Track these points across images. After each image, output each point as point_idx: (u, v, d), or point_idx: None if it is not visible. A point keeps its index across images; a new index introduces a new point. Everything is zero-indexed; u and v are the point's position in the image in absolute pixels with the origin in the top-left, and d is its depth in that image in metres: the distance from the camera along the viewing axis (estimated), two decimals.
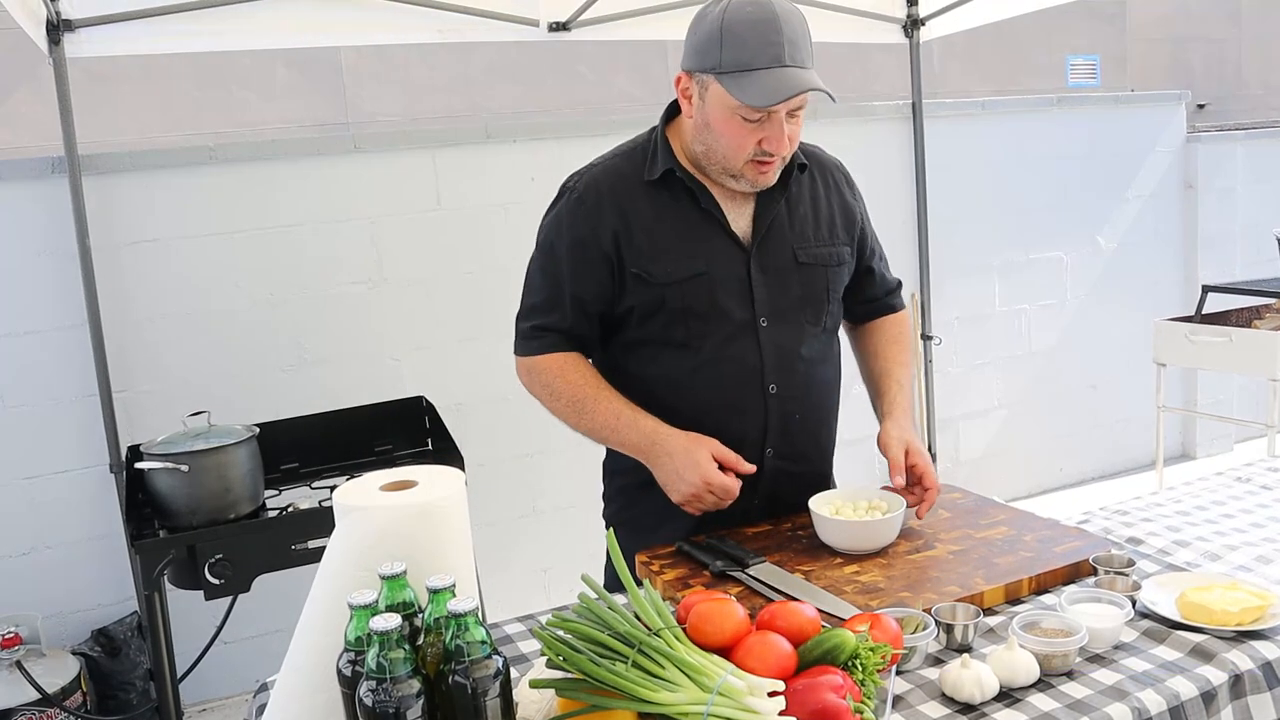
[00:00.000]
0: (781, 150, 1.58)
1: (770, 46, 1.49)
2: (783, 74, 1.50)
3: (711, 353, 1.66)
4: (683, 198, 1.66)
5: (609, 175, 1.68)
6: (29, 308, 2.99)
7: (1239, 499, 1.85)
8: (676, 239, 1.65)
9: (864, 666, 1.11)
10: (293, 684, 1.12)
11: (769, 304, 1.67)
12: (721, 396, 1.67)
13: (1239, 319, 4.08)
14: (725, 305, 1.65)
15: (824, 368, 1.76)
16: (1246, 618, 1.26)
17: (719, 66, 1.52)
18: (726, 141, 1.58)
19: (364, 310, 3.37)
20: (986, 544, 1.53)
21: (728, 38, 1.50)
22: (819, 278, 1.73)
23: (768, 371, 1.68)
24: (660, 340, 1.67)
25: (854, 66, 5.42)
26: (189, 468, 2.33)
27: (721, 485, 1.56)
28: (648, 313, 1.66)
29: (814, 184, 1.77)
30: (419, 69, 4.75)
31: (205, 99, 4.44)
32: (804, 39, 1.54)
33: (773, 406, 1.68)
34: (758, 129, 1.55)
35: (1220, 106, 6.58)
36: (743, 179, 1.62)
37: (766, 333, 1.67)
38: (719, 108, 1.55)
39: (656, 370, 1.69)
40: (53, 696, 2.69)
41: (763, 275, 1.67)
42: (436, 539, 1.13)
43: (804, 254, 1.71)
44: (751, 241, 1.68)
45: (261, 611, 2.94)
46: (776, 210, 1.69)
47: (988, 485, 4.33)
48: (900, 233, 4.24)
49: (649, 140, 1.71)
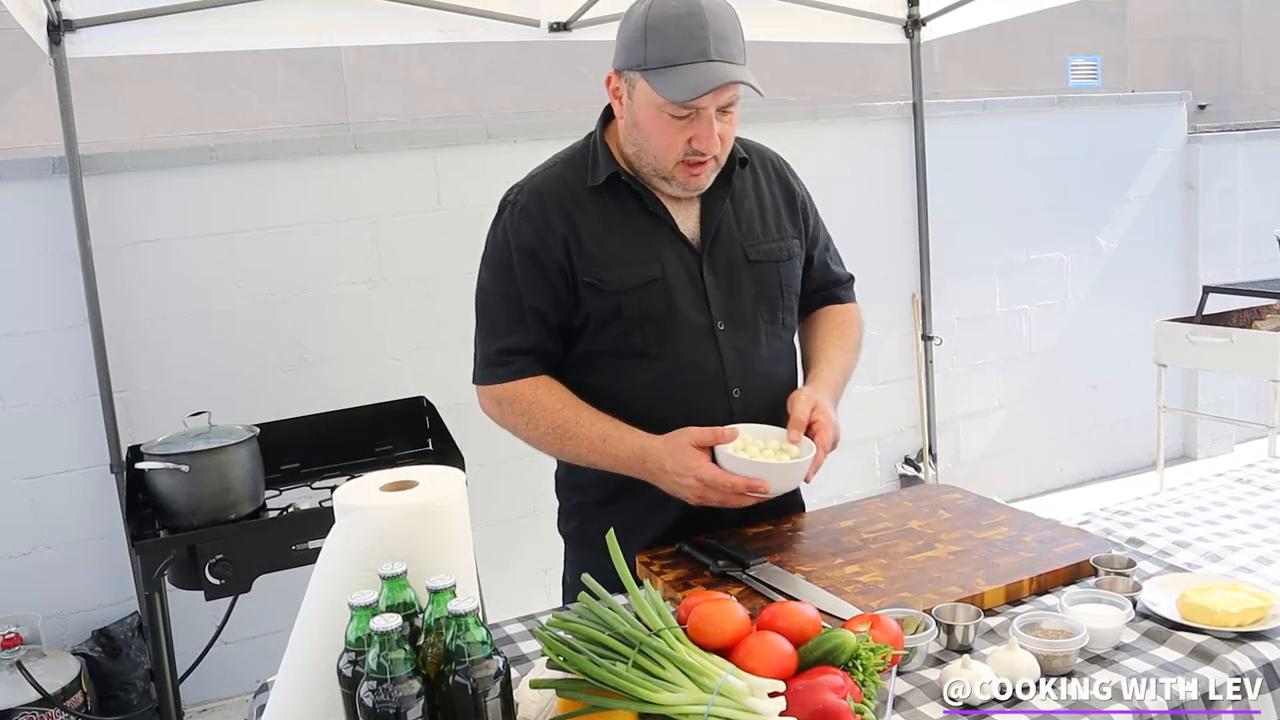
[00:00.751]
0: (711, 149, 1.54)
1: (695, 41, 1.46)
2: (707, 68, 1.46)
3: (672, 360, 1.62)
4: (629, 202, 1.62)
5: (551, 183, 1.64)
6: (30, 308, 2.99)
7: (1240, 500, 1.85)
8: (627, 245, 1.61)
9: (864, 667, 1.11)
10: (292, 684, 1.12)
11: (724, 307, 1.64)
12: (686, 404, 1.62)
13: (1240, 320, 4.08)
14: (682, 310, 1.61)
15: (782, 368, 1.73)
16: (1247, 619, 1.26)
17: (644, 63, 1.49)
18: (655, 141, 1.54)
19: (364, 310, 3.37)
20: (987, 544, 1.53)
21: (652, 34, 1.47)
22: (771, 274, 1.69)
23: (730, 376, 1.64)
24: (618, 350, 1.62)
25: (854, 67, 5.42)
26: (189, 468, 2.33)
27: (711, 478, 1.50)
28: (603, 322, 1.61)
29: (756, 178, 1.74)
30: (419, 69, 4.75)
31: (205, 99, 4.44)
32: (733, 34, 1.49)
33: (737, 410, 1.64)
34: (686, 126, 1.51)
35: (1221, 107, 6.58)
36: (674, 181, 1.58)
37: (725, 336, 1.64)
38: (646, 106, 1.52)
39: (617, 381, 1.64)
40: (53, 697, 2.70)
41: (715, 277, 1.64)
42: (437, 539, 1.13)
43: (754, 251, 1.68)
44: (701, 243, 1.64)
45: (262, 612, 2.94)
46: (723, 209, 1.66)
47: (988, 485, 4.32)
48: (900, 233, 4.24)
49: (587, 146, 1.67)
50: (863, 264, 4.13)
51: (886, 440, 4.36)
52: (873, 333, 4.26)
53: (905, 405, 4.36)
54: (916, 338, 4.29)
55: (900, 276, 4.27)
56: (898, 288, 4.27)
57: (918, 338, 4.28)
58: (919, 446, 4.38)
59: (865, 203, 4.17)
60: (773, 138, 4.33)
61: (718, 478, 1.51)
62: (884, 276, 4.24)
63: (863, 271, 4.49)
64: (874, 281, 4.22)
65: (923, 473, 4.32)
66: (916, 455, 4.39)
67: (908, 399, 4.35)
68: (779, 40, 4.33)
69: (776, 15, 3.54)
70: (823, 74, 5.39)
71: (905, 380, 4.34)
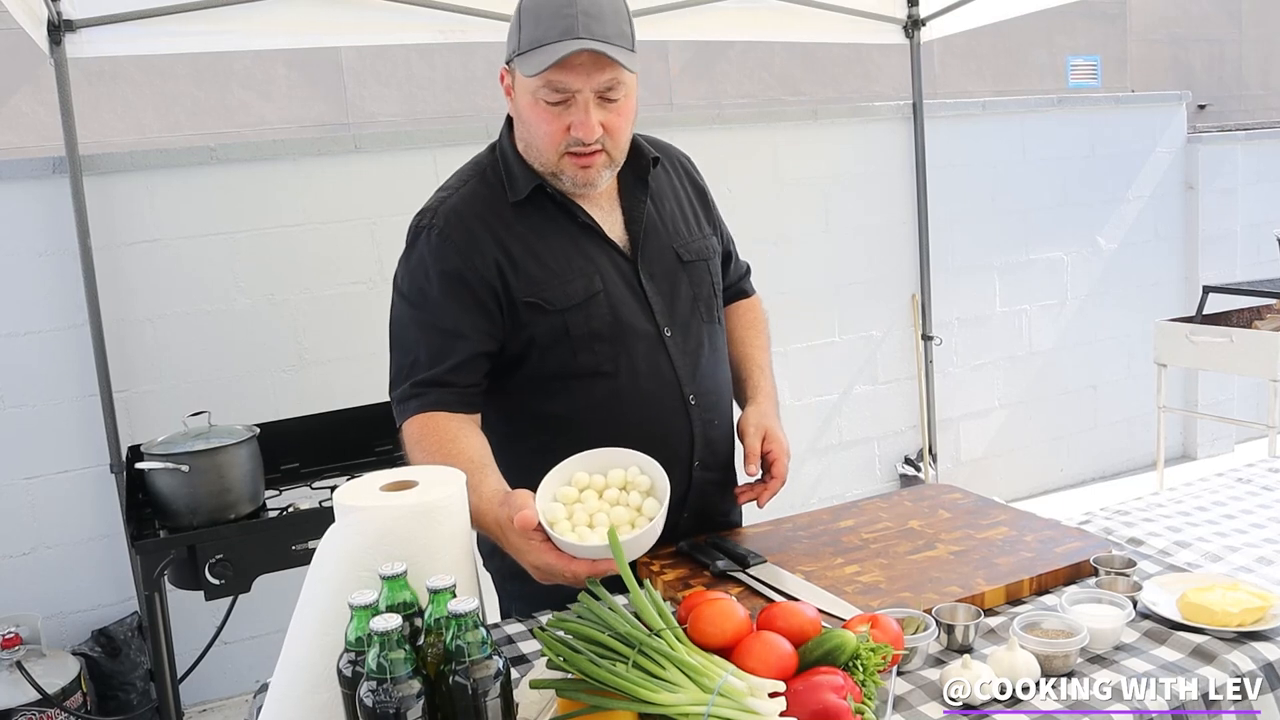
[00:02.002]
0: (589, 136, 1.45)
1: (561, 19, 1.40)
2: (571, 45, 1.39)
3: (627, 374, 1.55)
4: (556, 214, 1.55)
5: (470, 203, 1.55)
6: (30, 308, 2.99)
7: (1240, 499, 1.85)
8: (563, 260, 1.53)
9: (865, 667, 1.11)
10: (291, 683, 1.12)
11: (667, 312, 1.59)
12: (645, 417, 1.56)
13: (1240, 319, 4.08)
14: (629, 321, 1.55)
15: (724, 365, 1.70)
16: (1247, 618, 1.26)
17: (518, 48, 1.45)
18: (535, 130, 1.48)
19: (364, 310, 3.37)
20: (987, 544, 1.53)
21: (525, 18, 1.45)
22: (704, 273, 1.65)
23: (684, 382, 1.59)
24: (570, 371, 1.54)
25: (854, 67, 5.42)
26: (189, 468, 2.32)
27: (546, 566, 1.30)
28: (550, 343, 1.52)
29: (669, 177, 1.69)
30: (419, 69, 4.75)
31: (205, 99, 4.44)
32: (610, 15, 1.43)
33: (695, 417, 1.60)
34: (564, 112, 1.45)
35: (1221, 107, 6.58)
36: (563, 176, 1.51)
37: (673, 342, 1.59)
38: (523, 93, 1.47)
39: (571, 402, 1.55)
40: (53, 697, 2.69)
41: (653, 283, 1.58)
42: (437, 539, 1.13)
43: (685, 251, 1.63)
44: (633, 249, 1.58)
45: (262, 612, 2.94)
46: (646, 211, 1.60)
47: (988, 485, 4.33)
48: (900, 233, 4.24)
49: (494, 158, 1.59)
50: (863, 264, 4.19)
51: (886, 440, 4.36)
52: (873, 333, 4.26)
53: (905, 405, 4.36)
54: (916, 338, 4.29)
55: (900, 276, 4.27)
56: (898, 288, 4.27)
57: (918, 338, 4.28)
58: (919, 446, 4.38)
59: (865, 202, 4.17)
60: (773, 138, 4.33)
61: (552, 566, 1.30)
62: (884, 276, 4.24)
63: (863, 271, 4.52)
64: (874, 281, 4.23)
65: (923, 473, 4.32)
66: (917, 455, 4.39)
67: (908, 399, 4.35)
68: (779, 40, 4.33)
69: (776, 15, 3.54)
70: (823, 74, 5.39)
71: (905, 380, 4.34)
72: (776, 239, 3.99)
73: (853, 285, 4.18)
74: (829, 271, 4.13)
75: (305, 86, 4.61)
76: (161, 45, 2.98)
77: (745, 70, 5.21)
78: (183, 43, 2.99)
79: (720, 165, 1.92)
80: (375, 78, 4.71)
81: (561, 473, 1.39)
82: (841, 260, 4.14)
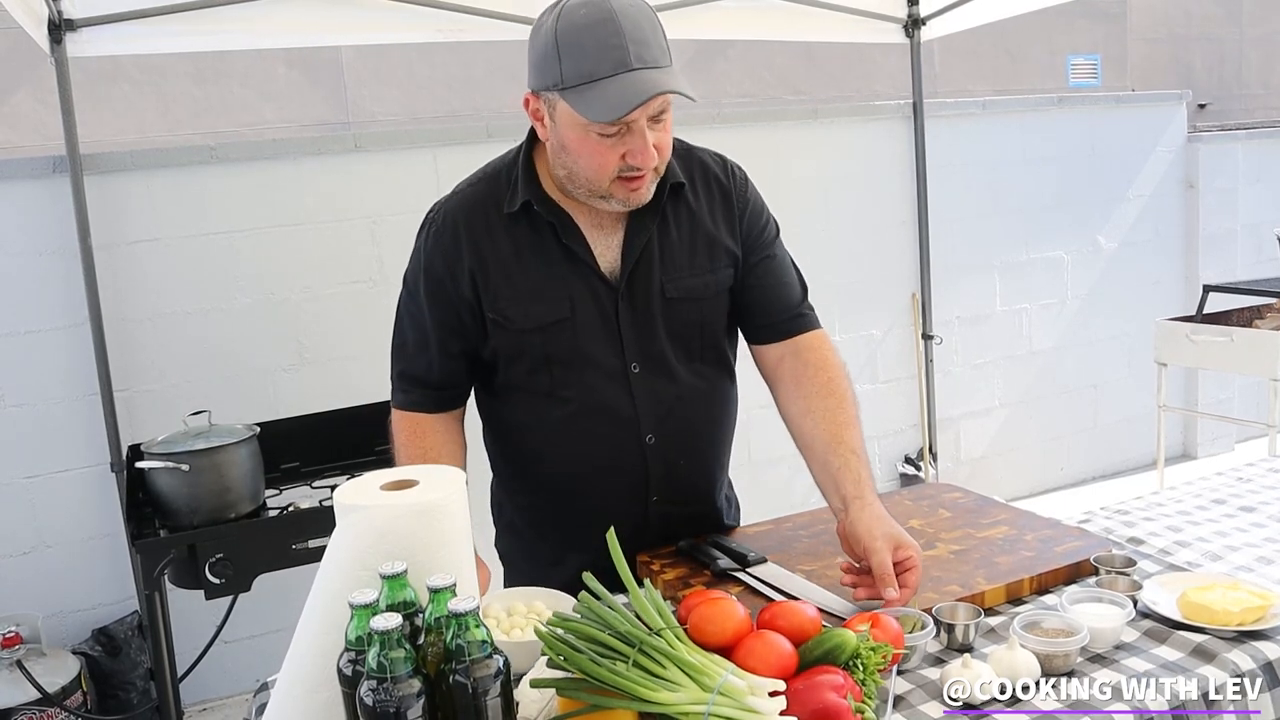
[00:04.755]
0: (648, 163, 1.40)
1: (612, 50, 1.31)
2: (630, 79, 1.32)
3: (580, 404, 1.52)
4: (544, 231, 1.50)
5: (465, 207, 1.53)
6: (30, 307, 2.99)
7: (1240, 498, 1.85)
8: (537, 279, 1.50)
9: (865, 666, 1.11)
10: (293, 683, 1.12)
11: (638, 347, 1.53)
12: (595, 450, 1.54)
13: (1240, 319, 4.08)
14: (591, 352, 1.51)
15: (707, 407, 1.61)
16: (1248, 618, 1.26)
17: (561, 82, 1.35)
18: (586, 162, 1.41)
19: (365, 308, 3.36)
20: (987, 544, 1.53)
21: (565, 48, 1.33)
22: (690, 313, 1.56)
23: (643, 422, 1.54)
24: (527, 388, 1.54)
25: (855, 66, 5.42)
26: (189, 467, 2.33)
27: None
28: (510, 359, 1.53)
29: (697, 199, 1.57)
30: (419, 69, 4.75)
31: (205, 98, 4.44)
32: (652, 35, 1.35)
33: (653, 457, 1.55)
34: (618, 143, 1.38)
35: (1221, 106, 6.58)
36: (613, 199, 1.45)
37: (639, 379, 1.53)
38: (571, 127, 1.38)
39: (531, 417, 1.56)
40: (53, 696, 2.69)
41: (632, 314, 1.52)
42: (437, 538, 1.13)
43: (672, 287, 1.53)
44: (619, 277, 1.51)
45: (262, 611, 2.94)
46: (647, 238, 1.52)
47: (989, 485, 4.33)
48: (900, 232, 4.24)
49: (514, 161, 1.54)
50: (863, 264, 4.19)
51: (887, 439, 4.36)
52: (873, 332, 4.26)
53: (905, 404, 4.36)
54: (917, 337, 4.29)
55: (900, 276, 4.27)
56: (898, 287, 4.27)
57: (918, 337, 4.28)
58: (919, 446, 4.38)
59: (865, 202, 4.17)
60: (773, 136, 4.32)
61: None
62: (884, 276, 4.24)
63: (863, 271, 4.52)
64: (874, 281, 4.23)
65: (923, 472, 4.32)
66: (917, 454, 4.39)
67: (908, 398, 4.35)
68: (779, 39, 4.33)
69: (776, 14, 3.54)
70: (823, 74, 5.38)
71: (905, 379, 4.34)
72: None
73: (853, 284, 4.18)
74: (829, 271, 4.12)
75: (305, 86, 4.60)
76: (162, 45, 2.98)
77: (745, 69, 5.21)
78: (183, 42, 2.99)
79: None
80: (375, 77, 4.70)
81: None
82: (842, 259, 4.14)
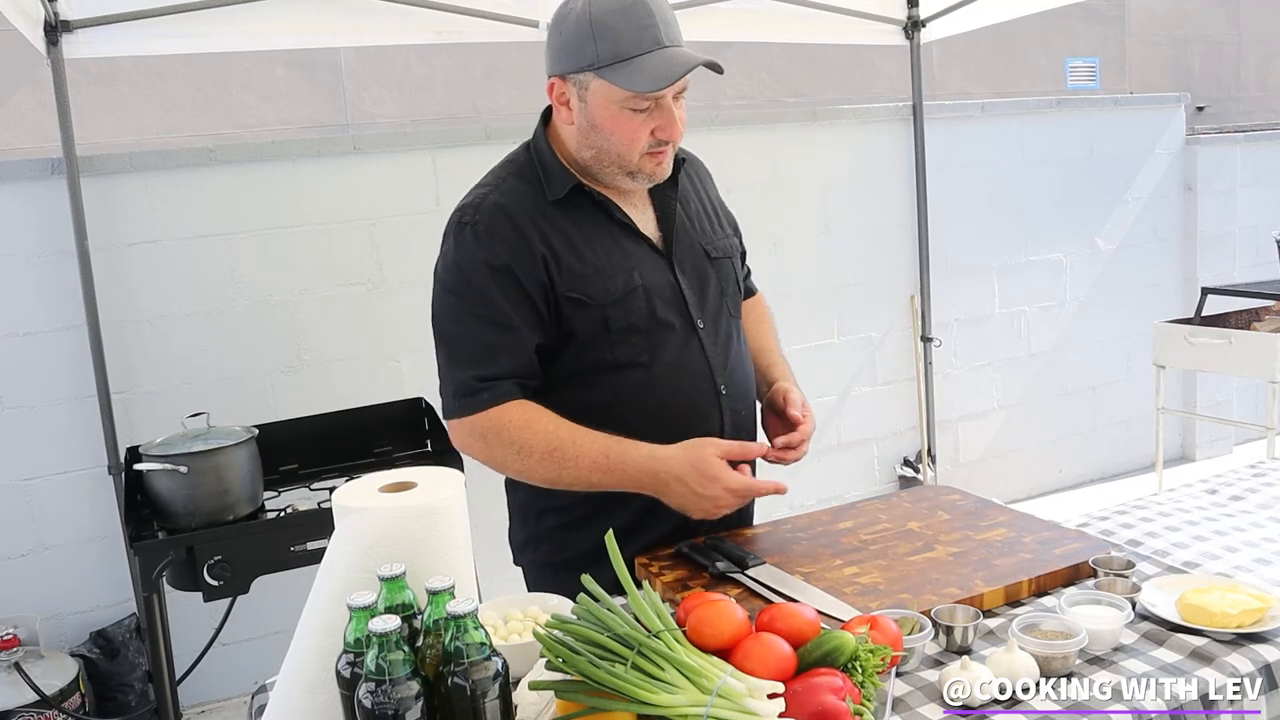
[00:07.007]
0: (675, 135, 1.55)
1: (646, 30, 1.46)
2: (665, 55, 1.46)
3: (663, 366, 1.60)
4: (594, 212, 1.60)
5: (513, 199, 1.57)
6: (28, 309, 2.99)
7: (1239, 500, 1.85)
8: (604, 256, 1.58)
9: (864, 668, 1.11)
10: (292, 684, 1.12)
11: (700, 306, 1.65)
12: (681, 407, 1.62)
13: (1238, 321, 4.08)
14: (664, 316, 1.60)
15: (748, 358, 1.76)
16: (1246, 620, 1.26)
17: (596, 61, 1.47)
18: (619, 138, 1.52)
19: (364, 311, 3.37)
20: (986, 546, 1.53)
21: (599, 30, 1.46)
22: (729, 270, 1.72)
23: (716, 373, 1.65)
24: (607, 363, 1.59)
25: (854, 68, 5.42)
26: (188, 469, 2.32)
27: (743, 487, 1.50)
28: (590, 337, 1.57)
29: (692, 179, 1.75)
30: (419, 69, 4.74)
31: (205, 99, 4.44)
32: (672, 17, 1.50)
33: (726, 407, 1.66)
34: (648, 118, 1.51)
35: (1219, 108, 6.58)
36: (640, 174, 1.57)
37: (706, 335, 1.64)
38: (605, 104, 1.50)
39: (609, 393, 1.60)
40: (51, 698, 2.69)
41: (685, 277, 1.64)
42: (436, 540, 1.13)
43: (713, 249, 1.69)
44: (665, 245, 1.64)
45: (260, 613, 2.94)
46: (675, 208, 1.66)
47: (987, 487, 4.33)
48: (899, 234, 4.25)
49: (530, 157, 1.63)
50: (862, 265, 4.19)
51: (885, 441, 4.36)
52: (871, 334, 4.26)
53: (904, 406, 4.36)
54: (915, 339, 4.29)
55: (899, 277, 4.27)
56: (897, 289, 4.28)
57: (917, 339, 4.28)
58: (918, 448, 4.38)
59: (864, 203, 4.17)
60: (773, 138, 4.34)
61: (750, 485, 1.51)
62: (883, 277, 4.24)
63: (862, 272, 4.52)
64: (873, 282, 4.23)
65: (922, 474, 4.32)
66: (915, 456, 4.39)
67: (907, 400, 4.35)
68: (779, 41, 4.33)
69: (776, 16, 3.54)
70: (822, 75, 5.38)
71: (904, 381, 4.34)
72: (775, 240, 3.99)
73: (852, 286, 4.18)
74: (828, 273, 4.13)
75: (304, 87, 4.60)
76: (160, 46, 2.98)
77: (745, 71, 5.20)
78: (181, 43, 2.99)
79: (719, 166, 1.92)
80: (374, 79, 4.70)
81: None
82: (840, 261, 4.14)
